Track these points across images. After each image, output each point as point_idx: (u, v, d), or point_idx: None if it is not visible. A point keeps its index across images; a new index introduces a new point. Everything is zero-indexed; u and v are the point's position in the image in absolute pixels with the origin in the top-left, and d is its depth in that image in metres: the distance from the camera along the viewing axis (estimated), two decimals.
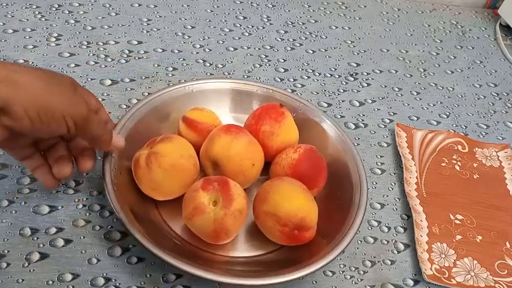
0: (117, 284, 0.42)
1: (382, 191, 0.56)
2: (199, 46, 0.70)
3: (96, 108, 0.43)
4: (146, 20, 0.72)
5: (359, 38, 0.80)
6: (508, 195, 0.58)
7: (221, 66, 0.67)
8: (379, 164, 0.59)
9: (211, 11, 0.78)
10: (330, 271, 0.46)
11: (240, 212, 0.42)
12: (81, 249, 0.43)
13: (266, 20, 0.79)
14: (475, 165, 0.61)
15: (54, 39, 0.65)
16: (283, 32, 0.77)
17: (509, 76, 0.79)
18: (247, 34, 0.74)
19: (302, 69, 0.70)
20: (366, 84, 0.70)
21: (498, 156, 0.63)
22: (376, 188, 0.56)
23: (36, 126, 0.34)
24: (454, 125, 0.67)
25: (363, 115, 0.65)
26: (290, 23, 0.79)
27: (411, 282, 0.47)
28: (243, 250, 0.46)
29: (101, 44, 0.66)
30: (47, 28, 0.66)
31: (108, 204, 0.42)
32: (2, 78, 0.32)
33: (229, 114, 0.57)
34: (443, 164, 0.60)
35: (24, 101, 0.32)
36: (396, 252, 0.50)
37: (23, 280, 0.40)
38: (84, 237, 0.44)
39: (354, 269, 0.47)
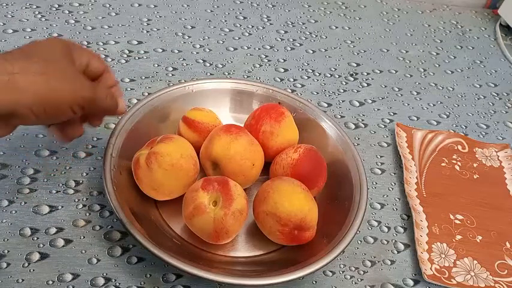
0: (117, 284, 0.42)
1: (382, 191, 0.56)
2: (199, 46, 0.70)
3: (101, 69, 0.42)
4: (146, 20, 0.72)
5: (359, 38, 0.80)
6: (508, 195, 0.58)
7: (221, 66, 0.67)
8: (379, 164, 0.59)
9: (211, 11, 0.78)
10: (330, 271, 0.46)
11: (240, 212, 0.42)
12: (81, 249, 0.43)
13: (266, 20, 0.79)
14: (475, 165, 0.61)
15: None
16: (283, 32, 0.77)
17: (509, 76, 0.79)
18: (247, 34, 0.74)
19: (302, 69, 0.70)
20: (366, 84, 0.70)
21: (498, 156, 0.63)
22: (376, 188, 0.56)
23: (43, 120, 0.35)
24: (454, 125, 0.67)
25: (363, 115, 0.65)
26: (290, 23, 0.79)
27: (411, 282, 0.47)
28: (243, 250, 0.46)
29: (101, 44, 0.66)
30: (47, 28, 0.66)
31: (108, 204, 0.42)
32: (4, 85, 0.31)
33: (229, 114, 0.57)
34: (443, 164, 0.60)
35: (29, 103, 0.33)
36: (396, 252, 0.50)
37: (23, 280, 0.40)
38: (84, 237, 0.44)
39: (354, 269, 0.47)
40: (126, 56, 0.65)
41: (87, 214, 0.46)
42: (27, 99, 0.33)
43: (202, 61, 0.67)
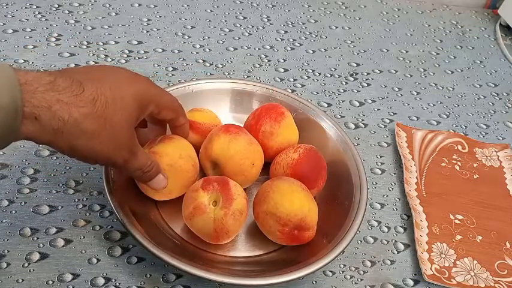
0: (117, 284, 0.42)
1: (382, 191, 0.56)
2: (199, 46, 0.70)
3: (169, 118, 0.43)
4: (146, 20, 0.72)
5: (359, 38, 0.80)
6: (508, 195, 0.58)
7: (221, 66, 0.67)
8: (379, 164, 0.59)
9: (211, 11, 0.78)
10: (330, 271, 0.46)
11: (240, 212, 0.42)
12: (81, 249, 0.43)
13: (266, 20, 0.79)
14: (475, 165, 0.61)
15: (54, 39, 0.65)
16: (283, 32, 0.77)
17: (509, 76, 0.79)
18: (247, 34, 0.74)
19: (302, 69, 0.70)
20: (366, 84, 0.70)
21: (498, 156, 0.63)
22: (376, 188, 0.56)
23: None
24: (454, 125, 0.67)
25: (363, 115, 0.65)
26: (290, 23, 0.79)
27: (411, 282, 0.47)
28: (243, 250, 0.46)
29: (101, 44, 0.66)
30: (47, 28, 0.66)
31: (108, 204, 0.42)
32: (51, 130, 0.32)
33: (229, 114, 0.57)
34: (443, 164, 0.60)
35: (63, 148, 0.34)
36: (396, 252, 0.50)
37: (23, 280, 0.40)
38: (84, 237, 0.44)
39: (354, 269, 0.47)
40: (126, 56, 0.65)
41: (87, 214, 0.46)
42: (62, 145, 0.33)
43: (202, 61, 0.67)
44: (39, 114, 0.30)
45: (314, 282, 0.45)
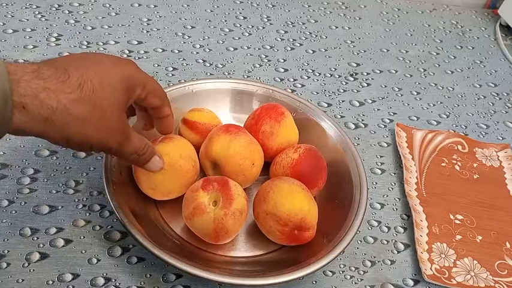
0: (117, 284, 0.42)
1: (382, 191, 0.56)
2: (199, 46, 0.70)
3: (156, 105, 0.42)
4: (146, 20, 0.72)
5: (359, 38, 0.80)
6: (508, 195, 0.58)
7: (221, 66, 0.67)
8: (379, 164, 0.59)
9: (211, 11, 0.78)
10: (330, 271, 0.46)
11: (240, 212, 0.42)
12: (81, 249, 0.43)
13: (266, 20, 0.79)
14: (475, 165, 0.61)
15: (54, 39, 0.65)
16: (283, 32, 0.77)
17: (509, 76, 0.79)
18: (247, 34, 0.74)
19: (302, 69, 0.70)
20: (366, 84, 0.70)
21: (498, 156, 0.63)
22: (376, 188, 0.56)
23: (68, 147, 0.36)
24: (454, 125, 0.67)
25: (363, 115, 0.65)
26: (290, 23, 0.79)
27: (411, 282, 0.47)
28: (243, 250, 0.46)
29: (101, 44, 0.66)
30: (47, 28, 0.66)
31: (108, 204, 0.42)
32: (41, 120, 0.31)
33: (229, 114, 0.57)
34: (443, 164, 0.60)
35: (56, 137, 0.33)
36: (396, 252, 0.50)
37: (23, 280, 0.40)
38: (84, 237, 0.44)
39: (354, 269, 0.47)
40: (126, 56, 0.65)
41: (87, 214, 0.46)
42: (55, 135, 0.33)
43: (202, 61, 0.67)
44: (26, 103, 0.30)
45: (314, 282, 0.45)
